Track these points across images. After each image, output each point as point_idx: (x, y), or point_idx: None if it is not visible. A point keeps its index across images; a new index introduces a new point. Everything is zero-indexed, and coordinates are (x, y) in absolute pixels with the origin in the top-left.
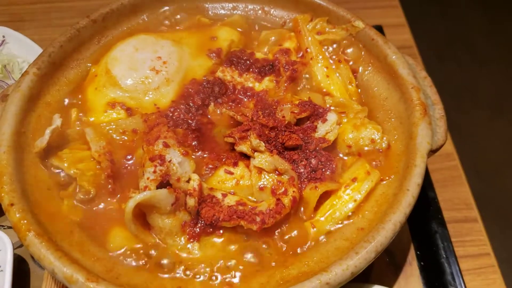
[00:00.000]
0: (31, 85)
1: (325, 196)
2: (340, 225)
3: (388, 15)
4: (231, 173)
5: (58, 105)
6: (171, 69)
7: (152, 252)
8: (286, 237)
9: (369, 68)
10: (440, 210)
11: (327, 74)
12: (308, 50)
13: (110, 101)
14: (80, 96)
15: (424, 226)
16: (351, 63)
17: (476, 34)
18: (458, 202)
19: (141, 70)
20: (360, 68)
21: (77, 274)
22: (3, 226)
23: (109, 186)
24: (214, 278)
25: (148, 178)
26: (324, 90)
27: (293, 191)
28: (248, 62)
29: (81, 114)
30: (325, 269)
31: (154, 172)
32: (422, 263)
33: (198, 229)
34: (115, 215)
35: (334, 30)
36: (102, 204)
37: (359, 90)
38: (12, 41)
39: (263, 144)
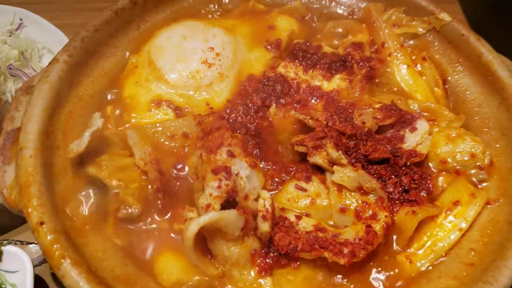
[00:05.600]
0: (62, 75)
1: (420, 223)
2: (442, 260)
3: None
4: (304, 190)
5: (92, 100)
6: (225, 62)
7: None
8: (376, 274)
9: (458, 68)
10: None
11: (409, 74)
12: (385, 45)
13: (155, 98)
14: (117, 90)
15: None
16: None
17: None
18: None
19: (190, 62)
20: (447, 69)
21: None
22: (20, 241)
23: (159, 202)
24: None
25: (211, 195)
26: (405, 92)
27: (385, 216)
28: (315, 56)
29: (119, 109)
30: None
31: (219, 187)
32: None
33: (270, 260)
34: (166, 238)
35: (414, 23)
36: (149, 223)
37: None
38: (31, 24)
39: (344, 156)
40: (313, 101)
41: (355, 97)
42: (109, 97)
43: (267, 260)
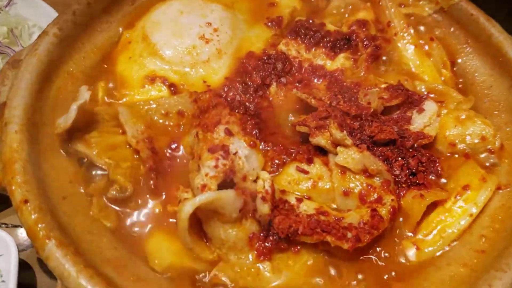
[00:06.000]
0: (51, 49)
1: (428, 208)
2: (451, 246)
3: None
4: (306, 172)
5: (83, 76)
6: (223, 38)
7: (208, 271)
8: (381, 261)
9: (467, 49)
10: None
11: (416, 54)
12: (392, 24)
13: (149, 74)
14: (109, 66)
15: None
16: None
17: None
18: None
19: (187, 37)
20: (455, 50)
21: None
22: (5, 224)
23: (151, 182)
24: None
25: (207, 175)
26: (412, 73)
27: (391, 200)
28: (317, 34)
29: (111, 85)
30: None
31: (216, 167)
32: None
33: (269, 244)
34: (159, 220)
35: (420, 2)
36: (141, 205)
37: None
38: (21, 1)
39: (348, 137)
40: (315, 80)
41: (360, 77)
42: (100, 73)
43: (266, 244)
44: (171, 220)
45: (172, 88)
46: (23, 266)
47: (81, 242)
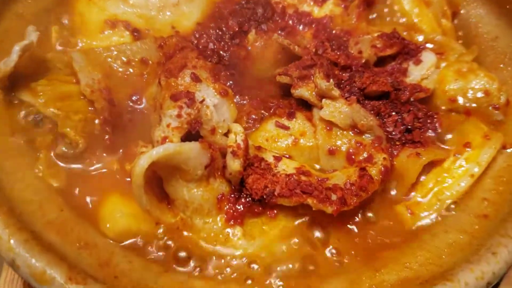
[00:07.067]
0: None
1: (424, 167)
2: (449, 211)
3: None
4: (286, 128)
5: (35, 19)
6: None
7: (170, 238)
8: (369, 227)
9: None
10: None
11: (413, 2)
12: None
13: (110, 19)
14: (65, 9)
15: None
16: None
17: None
18: None
19: None
20: None
21: (52, 270)
22: None
23: (106, 136)
24: (266, 283)
25: (168, 125)
26: (409, 22)
27: (383, 158)
28: None
29: (66, 29)
30: (445, 277)
31: (179, 116)
32: None
33: (241, 207)
34: (115, 180)
35: None
36: (95, 163)
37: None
38: None
39: (335, 88)
40: (300, 28)
41: (351, 25)
42: (55, 16)
43: (238, 207)
44: (128, 180)
45: (135, 34)
46: None
47: (18, 202)
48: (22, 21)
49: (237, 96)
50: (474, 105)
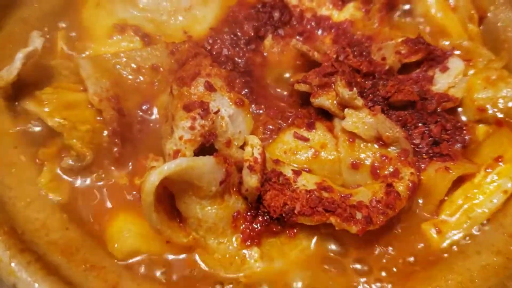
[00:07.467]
0: None
1: (454, 183)
2: (481, 230)
3: None
4: (305, 139)
5: (40, 24)
6: None
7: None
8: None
9: (496, 1)
10: None
11: (438, 6)
12: None
13: (119, 23)
14: (71, 13)
15: None
16: None
17: None
18: None
19: None
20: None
21: None
22: None
23: (115, 149)
24: None
25: (181, 138)
26: (434, 27)
27: (411, 173)
28: None
29: (72, 35)
30: None
31: (192, 128)
32: None
33: (258, 226)
34: (124, 196)
35: None
36: (103, 177)
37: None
38: None
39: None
40: (319, 33)
41: (373, 30)
42: (62, 21)
43: (254, 226)
44: (138, 195)
45: (145, 39)
46: None
47: (21, 220)
48: (27, 26)
49: (252, 105)
50: (505, 114)
